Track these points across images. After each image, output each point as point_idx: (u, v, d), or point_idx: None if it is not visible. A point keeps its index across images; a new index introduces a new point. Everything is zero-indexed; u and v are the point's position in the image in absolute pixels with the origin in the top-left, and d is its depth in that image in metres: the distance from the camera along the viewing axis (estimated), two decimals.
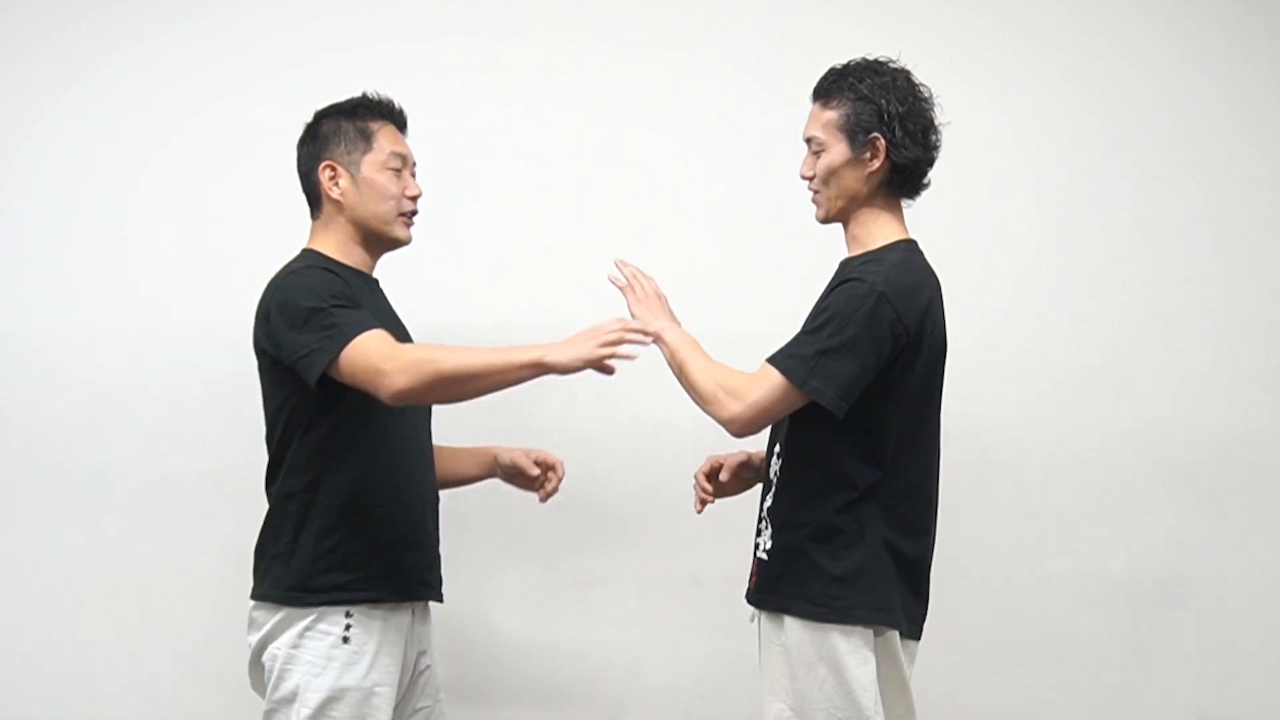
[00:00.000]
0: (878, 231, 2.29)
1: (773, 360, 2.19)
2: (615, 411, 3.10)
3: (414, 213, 2.43)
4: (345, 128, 2.40)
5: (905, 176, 2.28)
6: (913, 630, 2.29)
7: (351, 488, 2.29)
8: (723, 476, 2.52)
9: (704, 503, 2.54)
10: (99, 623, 2.99)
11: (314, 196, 2.43)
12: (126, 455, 3.01)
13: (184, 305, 3.04)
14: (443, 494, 2.51)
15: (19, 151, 3.07)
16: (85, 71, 3.08)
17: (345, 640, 2.25)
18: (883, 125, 2.23)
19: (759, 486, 2.43)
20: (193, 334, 3.03)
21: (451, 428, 2.61)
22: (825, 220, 2.35)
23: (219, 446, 3.01)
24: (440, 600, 2.47)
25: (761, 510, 2.35)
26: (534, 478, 2.56)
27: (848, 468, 2.21)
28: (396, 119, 2.46)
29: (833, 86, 2.29)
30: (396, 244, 2.44)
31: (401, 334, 2.43)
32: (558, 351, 2.14)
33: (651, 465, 3.11)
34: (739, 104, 3.18)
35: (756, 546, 2.33)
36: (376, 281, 2.47)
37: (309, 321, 2.22)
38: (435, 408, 2.50)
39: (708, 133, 3.18)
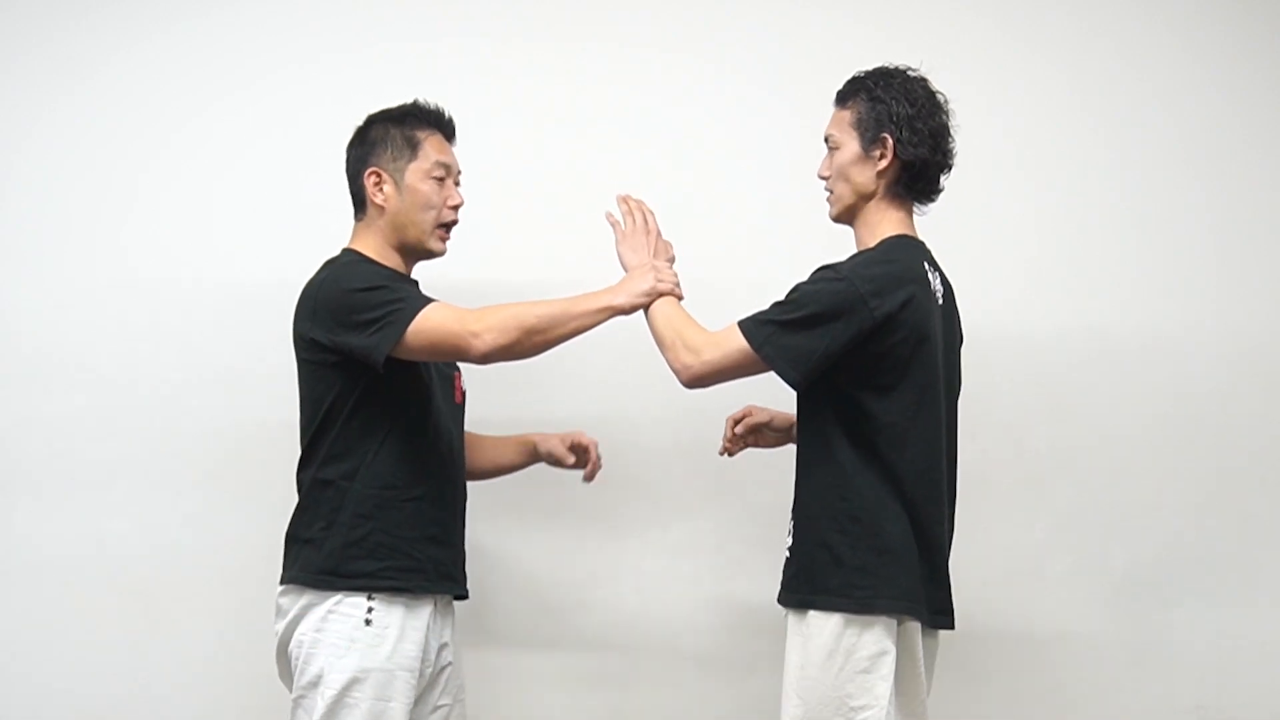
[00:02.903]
0: (879, 229, 2.36)
1: (741, 323, 2.28)
2: (618, 411, 3.10)
3: (454, 223, 2.48)
4: (393, 134, 2.45)
5: (914, 176, 2.35)
6: (938, 620, 2.33)
7: (388, 479, 2.34)
8: (737, 429, 2.60)
9: (726, 449, 2.62)
10: (99, 623, 2.99)
11: (359, 199, 2.48)
12: (126, 455, 3.01)
13: (184, 305, 3.04)
14: None
15: (19, 151, 3.07)
16: (85, 71, 3.08)
17: (368, 623, 2.29)
18: (892, 124, 2.32)
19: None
20: (193, 333, 3.03)
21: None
22: (837, 218, 2.43)
23: (220, 446, 3.01)
24: (465, 596, 2.50)
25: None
26: (570, 466, 2.67)
27: (856, 458, 2.25)
28: (445, 128, 2.51)
29: (849, 90, 2.40)
30: (430, 255, 2.49)
31: None
32: (622, 295, 2.33)
33: (653, 465, 3.11)
34: (740, 104, 3.18)
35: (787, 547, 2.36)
36: (416, 283, 2.51)
37: (372, 300, 2.28)
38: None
39: (709, 133, 3.18)
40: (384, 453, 2.34)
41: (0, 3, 3.08)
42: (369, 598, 2.30)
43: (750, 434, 2.60)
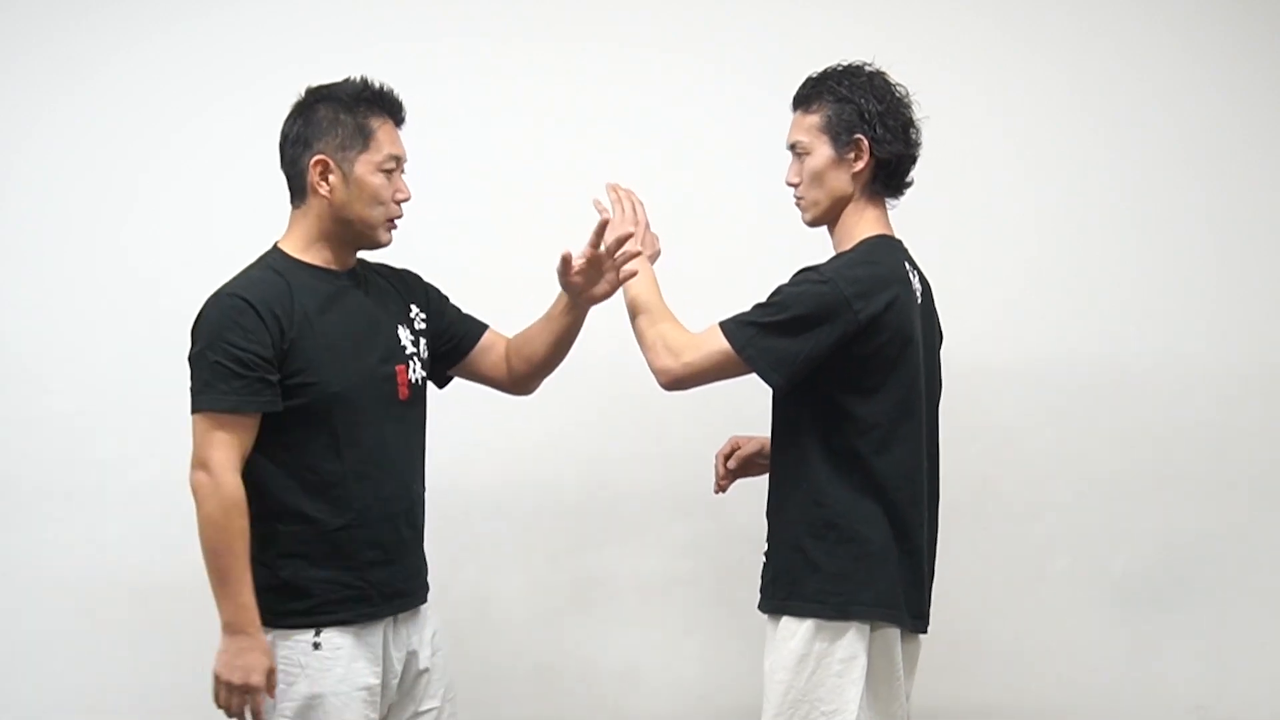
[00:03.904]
0: (857, 231, 2.31)
1: (722, 324, 2.24)
2: (616, 414, 3.10)
3: (400, 216, 2.32)
4: (344, 120, 2.26)
5: (889, 173, 2.31)
6: (918, 625, 2.30)
7: (311, 513, 2.18)
8: (730, 464, 2.51)
9: (720, 486, 2.54)
10: (99, 623, 2.99)
11: (298, 185, 2.30)
12: (126, 455, 3.01)
13: (184, 305, 3.01)
14: (441, 492, 2.45)
15: (19, 152, 3.07)
16: (85, 71, 3.08)
17: (316, 647, 2.18)
18: (864, 124, 2.27)
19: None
20: None
21: (449, 425, 2.60)
22: (813, 223, 2.37)
23: None
24: (424, 601, 2.36)
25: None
26: (591, 262, 2.31)
27: (833, 463, 2.22)
28: (397, 115, 2.32)
29: (812, 92, 2.33)
30: (376, 246, 2.33)
31: (373, 328, 2.30)
32: (224, 654, 2.15)
33: (651, 466, 3.11)
34: (740, 104, 3.18)
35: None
36: (352, 274, 2.33)
37: (196, 364, 2.19)
38: (429, 412, 2.42)
39: (707, 133, 3.19)
40: (303, 487, 2.17)
41: (0, 3, 3.08)
42: (316, 631, 2.18)
43: (741, 466, 2.51)
